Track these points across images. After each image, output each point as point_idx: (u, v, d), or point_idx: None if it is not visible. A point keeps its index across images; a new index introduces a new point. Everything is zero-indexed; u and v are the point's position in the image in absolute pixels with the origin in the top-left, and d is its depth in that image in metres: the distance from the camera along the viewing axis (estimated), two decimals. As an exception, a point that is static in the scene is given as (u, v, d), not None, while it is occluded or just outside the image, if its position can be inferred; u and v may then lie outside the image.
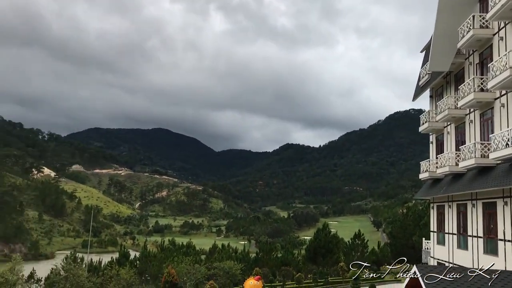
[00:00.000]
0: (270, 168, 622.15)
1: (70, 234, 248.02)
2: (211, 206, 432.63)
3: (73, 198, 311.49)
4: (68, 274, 49.60)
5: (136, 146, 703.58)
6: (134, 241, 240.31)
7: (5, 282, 47.28)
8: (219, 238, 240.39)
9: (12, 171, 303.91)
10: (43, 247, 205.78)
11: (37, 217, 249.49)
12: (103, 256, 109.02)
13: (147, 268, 64.34)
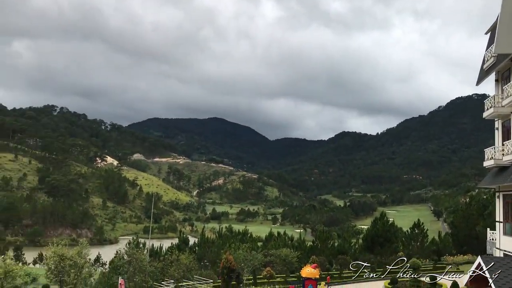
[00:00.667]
0: (325, 157, 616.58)
1: (132, 220, 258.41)
2: (266, 194, 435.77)
3: (135, 185, 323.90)
4: (131, 259, 51.77)
5: (193, 135, 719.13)
6: (193, 228, 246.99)
7: (73, 264, 50.06)
8: (274, 226, 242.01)
9: (78, 160, 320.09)
10: (107, 233, 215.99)
11: (101, 204, 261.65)
12: (163, 242, 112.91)
13: (205, 254, 65.95)
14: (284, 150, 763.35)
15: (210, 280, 44.70)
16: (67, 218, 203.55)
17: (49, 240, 79.68)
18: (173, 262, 51.69)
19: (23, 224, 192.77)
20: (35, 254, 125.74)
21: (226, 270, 42.92)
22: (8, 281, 44.02)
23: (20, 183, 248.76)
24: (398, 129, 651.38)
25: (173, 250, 65.62)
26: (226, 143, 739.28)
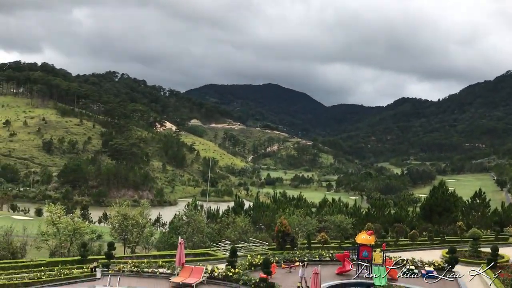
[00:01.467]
0: (383, 123, 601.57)
1: (190, 183, 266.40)
2: (321, 161, 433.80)
3: (192, 150, 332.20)
4: (189, 220, 53.71)
5: (248, 101, 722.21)
6: (248, 192, 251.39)
7: (136, 224, 52.62)
8: (329, 193, 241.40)
9: (139, 125, 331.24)
10: (167, 195, 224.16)
11: (161, 167, 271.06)
12: (220, 205, 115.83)
13: (260, 218, 67.15)
14: (340, 117, 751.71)
15: (265, 243, 45.63)
16: (130, 180, 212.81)
17: (113, 201, 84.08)
18: (229, 224, 53.16)
19: (89, 185, 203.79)
20: (100, 213, 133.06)
21: (281, 233, 43.64)
22: (77, 237, 47.01)
23: (85, 147, 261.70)
24: (461, 95, 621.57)
25: (229, 213, 67.41)
26: (281, 109, 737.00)
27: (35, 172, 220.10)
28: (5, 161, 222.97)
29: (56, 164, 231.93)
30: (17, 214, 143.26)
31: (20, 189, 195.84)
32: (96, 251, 49.83)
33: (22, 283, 26.91)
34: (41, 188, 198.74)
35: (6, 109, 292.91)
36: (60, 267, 30.67)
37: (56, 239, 47.15)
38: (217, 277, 28.71)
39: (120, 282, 27.14)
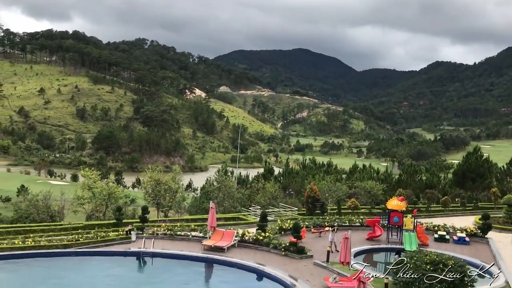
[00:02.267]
0: (416, 88, 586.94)
1: (220, 150, 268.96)
2: (351, 127, 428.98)
3: (222, 117, 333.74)
4: (220, 185, 54.49)
5: (277, 67, 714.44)
6: (277, 159, 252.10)
7: (168, 189, 53.73)
8: (359, 159, 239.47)
9: (169, 92, 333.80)
10: (198, 161, 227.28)
11: (192, 134, 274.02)
12: (249, 171, 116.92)
13: (290, 184, 67.46)
14: (372, 82, 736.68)
15: (295, 208, 45.99)
16: (161, 146, 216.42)
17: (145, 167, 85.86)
18: (259, 189, 53.70)
19: (122, 152, 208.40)
20: (133, 179, 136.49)
21: (311, 199, 43.84)
22: (112, 201, 48.47)
23: (117, 114, 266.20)
24: (499, 58, 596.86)
25: (259, 178, 67.95)
26: (311, 74, 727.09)
27: (70, 138, 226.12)
28: (41, 128, 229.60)
29: (90, 131, 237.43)
30: (54, 179, 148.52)
31: (56, 155, 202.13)
32: (130, 215, 51.29)
33: (61, 245, 28.07)
34: (76, 154, 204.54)
35: (40, 77, 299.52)
36: (97, 230, 31.79)
37: (92, 203, 48.76)
38: (248, 241, 29.22)
39: (154, 244, 27.98)
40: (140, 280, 25.29)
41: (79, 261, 26.58)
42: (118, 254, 27.64)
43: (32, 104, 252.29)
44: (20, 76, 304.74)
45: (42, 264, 25.87)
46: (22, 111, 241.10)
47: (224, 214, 45.93)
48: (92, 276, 24.27)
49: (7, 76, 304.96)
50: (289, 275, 23.08)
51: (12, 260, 25.90)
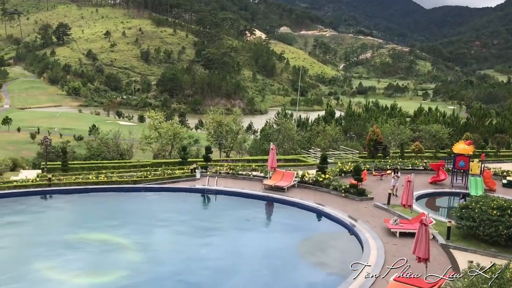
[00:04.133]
0: (490, 26, 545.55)
1: (280, 92, 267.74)
2: (418, 68, 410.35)
3: (282, 59, 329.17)
4: (280, 127, 54.83)
5: (341, 5, 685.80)
6: (338, 101, 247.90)
7: (229, 130, 54.86)
8: (425, 102, 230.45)
9: (229, 34, 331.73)
10: (258, 104, 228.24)
11: (252, 77, 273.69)
12: (309, 114, 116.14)
13: (351, 127, 66.69)
14: (441, 20, 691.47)
15: (356, 151, 45.63)
16: (222, 89, 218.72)
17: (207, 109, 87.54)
18: (319, 132, 53.53)
19: (185, 94, 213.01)
20: (196, 120, 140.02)
21: (373, 142, 43.21)
22: (177, 141, 50.29)
23: (180, 56, 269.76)
24: None
25: (320, 121, 67.55)
26: (376, 13, 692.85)
27: (136, 80, 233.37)
28: (108, 71, 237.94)
29: (154, 73, 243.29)
30: (122, 120, 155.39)
31: (123, 97, 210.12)
32: (194, 154, 53.20)
33: (131, 181, 29.79)
34: (142, 96, 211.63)
35: (106, 20, 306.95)
36: (164, 168, 33.32)
37: (158, 142, 50.92)
38: (308, 182, 29.59)
39: (217, 182, 29.03)
40: (205, 214, 26.59)
41: (147, 196, 28.21)
42: (184, 191, 29.01)
43: (99, 47, 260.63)
44: (87, 20, 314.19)
45: (114, 198, 27.73)
46: (90, 54, 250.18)
47: (284, 155, 46.47)
48: (160, 210, 25.77)
49: (75, 19, 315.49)
50: (349, 216, 23.34)
51: (86, 194, 27.94)
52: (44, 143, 34.06)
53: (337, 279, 16.39)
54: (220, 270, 17.77)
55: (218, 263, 18.50)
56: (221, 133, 52.32)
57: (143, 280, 16.75)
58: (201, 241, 21.29)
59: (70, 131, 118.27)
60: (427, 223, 15.13)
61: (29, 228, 22.28)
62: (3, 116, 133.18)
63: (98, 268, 17.80)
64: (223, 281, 16.74)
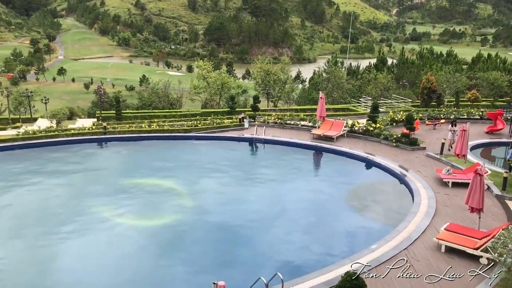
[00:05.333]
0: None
1: (329, 40, 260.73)
2: (477, 12, 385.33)
3: (332, 4, 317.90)
4: (329, 76, 53.70)
5: None
6: (390, 48, 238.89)
7: (277, 79, 54.36)
8: (484, 48, 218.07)
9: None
10: (306, 52, 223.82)
11: (300, 24, 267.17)
12: (360, 61, 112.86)
13: (404, 74, 64.40)
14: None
15: (409, 100, 44.26)
16: (269, 37, 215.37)
17: (255, 58, 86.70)
18: (370, 80, 52.04)
19: (232, 43, 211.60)
20: (243, 70, 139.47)
21: (427, 90, 41.72)
22: (225, 91, 50.49)
23: (227, 4, 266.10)
24: None
25: (371, 69, 65.55)
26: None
27: (183, 30, 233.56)
28: (157, 20, 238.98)
29: (201, 22, 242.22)
30: (171, 70, 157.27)
31: (171, 47, 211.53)
32: (242, 104, 53.36)
33: (182, 130, 30.43)
34: (190, 46, 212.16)
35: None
36: (213, 117, 33.77)
37: (207, 92, 51.34)
38: (357, 131, 29.15)
39: (265, 131, 29.14)
40: (253, 162, 26.95)
41: (197, 145, 28.82)
42: (233, 139, 29.39)
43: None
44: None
45: (166, 146, 28.53)
46: (138, 4, 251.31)
47: (333, 105, 45.79)
48: (210, 158, 26.32)
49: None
50: (399, 165, 22.95)
51: (140, 142, 28.93)
52: (98, 93, 35.13)
53: (386, 228, 16.38)
54: (267, 218, 18.14)
55: (265, 211, 18.87)
56: (268, 83, 51.97)
57: (192, 225, 17.40)
58: (249, 189, 21.70)
59: (122, 81, 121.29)
60: (482, 173, 14.65)
61: (86, 173, 23.48)
62: (58, 67, 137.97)
63: (151, 212, 18.62)
64: (270, 229, 17.11)
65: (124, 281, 13.43)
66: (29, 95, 40.47)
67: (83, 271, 13.96)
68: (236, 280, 12.23)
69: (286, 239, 16.03)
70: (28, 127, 30.22)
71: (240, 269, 14.03)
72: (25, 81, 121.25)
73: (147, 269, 14.17)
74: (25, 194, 20.15)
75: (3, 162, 24.64)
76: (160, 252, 15.30)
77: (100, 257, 14.92)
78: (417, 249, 14.14)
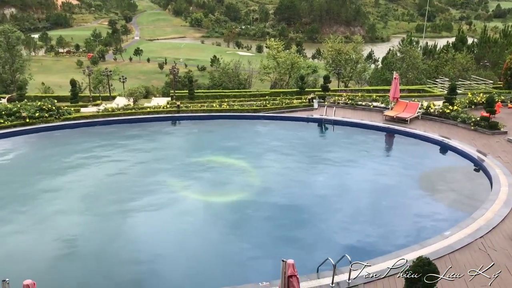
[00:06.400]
0: None
1: (404, 18, 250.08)
2: None
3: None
4: (404, 56, 51.71)
5: None
6: (471, 27, 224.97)
7: (349, 59, 53.23)
8: None
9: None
10: (379, 31, 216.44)
11: (373, 1, 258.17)
12: (437, 41, 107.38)
13: (485, 54, 60.47)
14: None
15: (489, 81, 41.66)
16: (341, 16, 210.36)
17: (325, 37, 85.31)
18: (448, 61, 49.57)
19: (302, 22, 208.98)
20: (313, 50, 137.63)
21: (510, 71, 39.08)
22: (294, 71, 50.24)
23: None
24: None
25: (449, 49, 62.19)
26: None
27: (254, 10, 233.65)
28: (228, 1, 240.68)
29: (272, 1, 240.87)
30: (241, 50, 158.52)
31: (242, 27, 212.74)
32: (311, 84, 52.86)
33: (251, 109, 30.73)
34: (260, 26, 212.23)
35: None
36: (282, 97, 33.76)
37: (276, 72, 51.36)
38: (433, 114, 27.95)
39: (335, 112, 28.72)
40: (322, 143, 26.71)
41: (266, 125, 29.01)
42: (301, 120, 29.27)
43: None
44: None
45: (236, 125, 29.00)
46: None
47: (408, 85, 44.15)
48: (279, 138, 26.43)
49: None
50: (477, 150, 21.80)
51: (211, 120, 29.62)
52: (172, 73, 36.23)
53: (461, 215, 15.72)
54: (334, 200, 17.99)
55: (333, 193, 18.72)
56: (339, 62, 51.02)
57: (259, 203, 17.63)
58: (317, 170, 21.59)
59: (194, 62, 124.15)
60: None
61: (159, 149, 24.56)
62: (134, 47, 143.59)
63: (219, 188, 19.12)
64: (337, 211, 16.96)
65: (192, 254, 13.95)
66: (109, 74, 42.52)
67: (152, 242, 14.70)
68: (302, 260, 12.32)
69: (353, 222, 15.87)
70: (107, 105, 31.84)
71: (307, 249, 14.10)
72: (104, 61, 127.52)
73: (214, 244, 14.63)
74: (102, 167, 21.44)
75: (84, 137, 26.28)
76: (227, 228, 15.73)
77: (168, 230, 15.61)
78: (495, 239, 13.46)
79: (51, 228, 15.51)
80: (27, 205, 17.22)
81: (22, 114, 27.02)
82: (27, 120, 26.92)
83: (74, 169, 21.03)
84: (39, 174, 20.47)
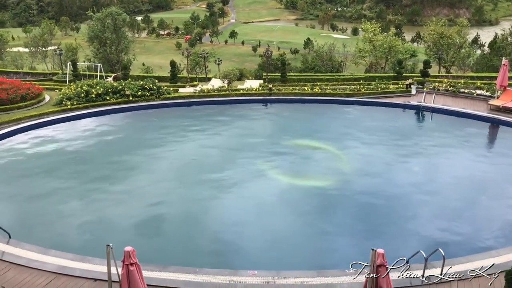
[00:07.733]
0: None
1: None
2: None
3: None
4: (516, 40, 47.51)
5: None
6: None
7: (452, 43, 50.04)
8: None
9: None
10: (487, 13, 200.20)
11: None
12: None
13: None
14: None
15: None
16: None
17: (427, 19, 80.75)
18: None
19: (402, 4, 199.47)
20: (413, 33, 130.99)
21: None
22: (392, 55, 48.31)
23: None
24: None
25: None
26: None
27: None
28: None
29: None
30: (336, 33, 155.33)
31: (337, 9, 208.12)
32: (409, 69, 50.49)
33: (344, 94, 30.13)
34: (357, 7, 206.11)
35: None
36: (377, 82, 32.65)
37: (372, 56, 49.73)
38: (547, 104, 25.46)
39: (434, 99, 27.24)
40: (419, 132, 25.43)
41: (360, 110, 28.30)
42: (397, 106, 28.17)
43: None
44: None
45: (327, 109, 28.65)
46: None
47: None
48: (373, 124, 25.66)
49: None
50: None
51: (302, 104, 29.57)
52: (266, 56, 36.49)
53: None
54: (429, 192, 17.09)
55: (427, 184, 17.82)
56: (441, 46, 48.11)
57: (346, 189, 17.34)
58: (412, 160, 20.63)
59: (287, 45, 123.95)
60: None
61: (250, 130, 25.27)
62: (230, 30, 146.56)
63: (306, 172, 19.11)
64: (430, 203, 16.08)
65: (277, 236, 14.08)
66: (205, 57, 43.84)
67: (235, 220, 15.10)
68: (391, 251, 11.97)
69: (446, 216, 15.04)
70: (203, 86, 32.96)
71: (396, 240, 13.65)
72: (201, 43, 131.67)
73: (299, 227, 14.68)
74: (196, 144, 22.63)
75: (181, 116, 27.59)
76: (313, 212, 15.67)
77: (252, 209, 15.88)
78: None
79: (149, 195, 16.53)
80: (130, 175, 18.61)
81: (126, 92, 28.96)
82: (130, 98, 28.84)
83: (171, 143, 22.47)
84: (139, 148, 21.96)
